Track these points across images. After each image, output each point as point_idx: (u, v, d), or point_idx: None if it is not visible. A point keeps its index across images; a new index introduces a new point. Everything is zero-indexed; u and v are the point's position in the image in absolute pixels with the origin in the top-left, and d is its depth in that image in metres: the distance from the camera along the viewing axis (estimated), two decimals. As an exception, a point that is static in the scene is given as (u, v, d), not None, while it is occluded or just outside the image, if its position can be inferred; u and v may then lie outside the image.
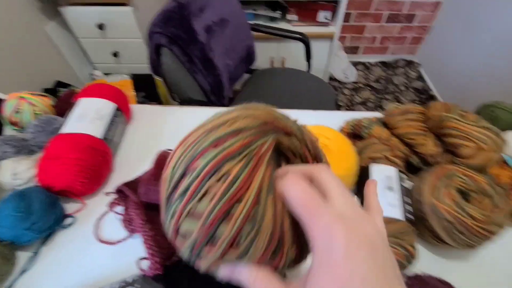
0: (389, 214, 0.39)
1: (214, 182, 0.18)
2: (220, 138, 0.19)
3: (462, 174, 0.41)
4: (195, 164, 0.19)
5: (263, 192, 0.18)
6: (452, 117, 0.46)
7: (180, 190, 0.19)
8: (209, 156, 0.19)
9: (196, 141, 0.21)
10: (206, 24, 0.89)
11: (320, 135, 0.44)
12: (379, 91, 1.84)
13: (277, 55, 1.56)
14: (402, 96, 1.80)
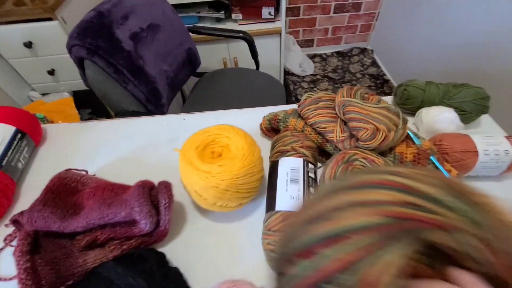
0: (290, 208, 0.38)
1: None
2: (309, 244, 0.13)
3: (362, 158, 0.40)
4: (286, 270, 0.14)
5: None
6: (352, 101, 0.46)
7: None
8: (293, 272, 0.14)
9: (291, 233, 0.15)
10: (132, 32, 0.85)
11: (219, 135, 0.43)
12: (337, 81, 1.87)
13: (229, 55, 1.54)
14: (359, 84, 1.84)
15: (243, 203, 0.43)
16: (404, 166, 0.17)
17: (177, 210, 0.47)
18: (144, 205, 0.37)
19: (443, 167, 0.43)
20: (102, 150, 0.58)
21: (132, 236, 0.39)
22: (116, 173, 0.51)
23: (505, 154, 0.44)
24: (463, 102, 0.54)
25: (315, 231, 0.14)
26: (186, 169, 0.39)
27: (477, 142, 0.45)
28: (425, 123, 0.53)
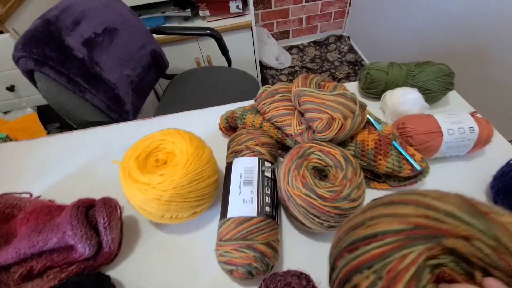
0: (243, 213, 0.35)
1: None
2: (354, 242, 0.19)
3: (318, 150, 0.37)
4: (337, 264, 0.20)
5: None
6: (307, 90, 0.42)
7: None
8: (342, 262, 0.19)
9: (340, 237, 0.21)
10: (86, 37, 0.80)
11: (163, 140, 0.39)
12: (315, 71, 1.84)
13: (201, 54, 1.49)
14: (338, 71, 1.82)
15: (197, 211, 0.40)
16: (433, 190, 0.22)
17: (130, 225, 0.44)
18: (78, 227, 0.33)
19: (406, 151, 0.40)
20: (52, 168, 0.53)
21: (73, 261, 0.36)
22: (66, 192, 0.47)
23: (470, 132, 0.41)
24: (427, 80, 0.51)
25: (359, 234, 0.19)
26: (125, 182, 0.36)
27: (440, 121, 0.42)
28: (389, 107, 0.51)
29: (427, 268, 0.17)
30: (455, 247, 0.17)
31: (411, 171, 0.39)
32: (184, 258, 0.40)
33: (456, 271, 0.18)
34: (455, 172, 0.45)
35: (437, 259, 0.18)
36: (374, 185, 0.44)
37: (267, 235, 0.34)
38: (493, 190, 0.40)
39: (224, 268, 0.34)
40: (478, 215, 0.18)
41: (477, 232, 0.17)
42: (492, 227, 0.17)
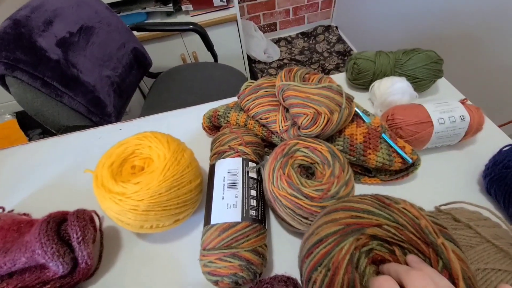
0: (226, 219, 0.33)
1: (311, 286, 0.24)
2: (309, 249, 0.26)
3: (304, 147, 0.35)
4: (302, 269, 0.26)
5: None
6: (291, 84, 0.40)
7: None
8: (304, 267, 0.25)
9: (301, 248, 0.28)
10: (59, 38, 0.76)
11: (139, 145, 0.36)
12: (304, 63, 1.81)
13: (187, 51, 1.45)
14: (327, 63, 1.79)
15: (180, 218, 0.37)
16: (355, 196, 0.28)
17: (111, 235, 0.41)
18: (48, 245, 0.30)
19: (396, 144, 0.38)
20: (25, 179, 0.50)
21: (48, 280, 0.33)
22: (41, 205, 0.44)
23: (461, 120, 0.40)
24: (415, 68, 0.49)
25: (311, 242, 0.26)
26: (99, 193, 0.33)
27: (430, 111, 0.40)
28: (378, 97, 0.49)
29: (362, 255, 0.24)
30: (374, 233, 0.25)
31: (402, 164, 0.38)
32: (168, 268, 0.37)
33: (383, 251, 0.25)
34: (447, 162, 0.44)
35: (367, 246, 0.25)
36: (365, 180, 0.42)
37: (253, 241, 0.32)
38: (485, 180, 0.39)
39: (209, 279, 0.32)
40: (383, 208, 0.25)
41: (384, 220, 0.25)
42: (393, 214, 0.25)
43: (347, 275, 0.22)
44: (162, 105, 1.04)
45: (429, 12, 1.15)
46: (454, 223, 0.30)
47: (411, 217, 0.24)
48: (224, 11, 1.38)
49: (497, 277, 0.25)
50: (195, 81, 1.10)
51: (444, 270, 0.22)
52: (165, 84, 1.12)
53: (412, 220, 0.24)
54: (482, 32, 0.91)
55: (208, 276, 0.32)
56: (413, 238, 0.23)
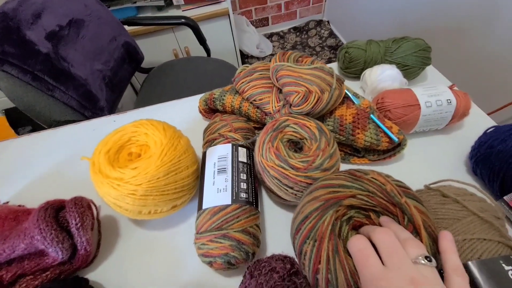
0: (217, 202, 0.34)
1: (303, 257, 0.27)
2: (297, 226, 0.28)
3: (293, 123, 0.36)
4: (294, 245, 0.29)
5: (331, 261, 0.25)
6: (284, 65, 0.41)
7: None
8: (296, 242, 0.28)
9: (291, 227, 0.30)
10: (49, 31, 0.75)
11: (136, 132, 0.37)
12: (297, 57, 1.82)
13: (179, 45, 1.44)
14: (319, 57, 1.81)
15: (178, 204, 0.38)
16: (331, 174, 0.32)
17: (109, 224, 0.41)
18: (47, 231, 0.31)
19: (384, 124, 0.39)
20: (20, 171, 0.50)
21: (47, 267, 0.33)
22: (37, 196, 0.44)
23: (448, 104, 0.41)
24: (405, 56, 0.51)
25: (298, 220, 0.29)
26: (96, 179, 0.33)
27: (418, 94, 0.42)
28: (369, 85, 0.50)
29: (344, 223, 0.29)
30: (350, 203, 0.28)
31: (389, 143, 0.39)
32: (167, 254, 0.38)
33: (360, 217, 0.29)
34: (435, 145, 0.46)
35: (346, 215, 0.29)
36: (354, 160, 0.44)
37: (243, 222, 0.33)
38: (471, 161, 0.40)
39: (203, 261, 0.33)
40: (355, 180, 0.29)
41: (357, 190, 0.28)
42: (363, 184, 0.28)
43: (331, 242, 0.25)
44: (155, 100, 1.03)
45: (419, 5, 1.17)
46: (442, 198, 0.32)
47: (379, 184, 0.28)
48: (216, 5, 1.37)
49: (482, 246, 0.27)
50: (188, 75, 1.10)
51: (409, 224, 0.26)
52: (157, 79, 1.11)
53: (380, 186, 0.28)
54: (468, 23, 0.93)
55: (202, 258, 0.33)
56: (382, 202, 0.27)
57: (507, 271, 0.25)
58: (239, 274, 0.35)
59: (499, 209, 0.31)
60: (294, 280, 0.29)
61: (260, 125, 0.48)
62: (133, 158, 0.36)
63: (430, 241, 0.25)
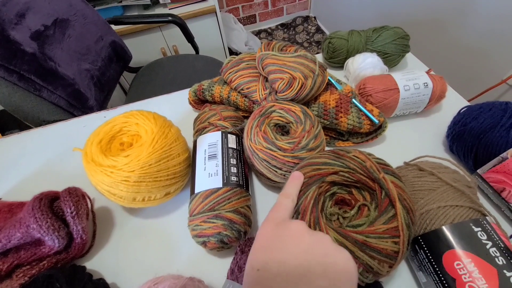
0: (209, 186, 0.35)
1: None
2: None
3: (279, 109, 0.38)
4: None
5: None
6: (269, 53, 0.43)
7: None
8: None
9: None
10: (34, 31, 0.74)
11: (126, 123, 0.38)
12: (285, 53, 1.84)
13: (167, 44, 1.44)
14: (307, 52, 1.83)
15: (171, 191, 0.39)
16: (315, 154, 0.33)
17: (103, 215, 0.42)
18: (42, 219, 0.31)
19: (365, 107, 0.42)
20: (11, 169, 0.50)
21: (44, 256, 0.34)
22: (29, 193, 0.44)
23: (425, 87, 0.44)
24: (385, 44, 0.53)
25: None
26: (89, 168, 0.34)
27: (397, 79, 0.44)
28: (352, 73, 0.52)
29: (327, 198, 0.31)
30: (333, 180, 0.30)
31: (370, 126, 0.41)
32: (161, 241, 0.39)
33: (343, 193, 0.31)
34: (415, 127, 0.48)
35: (330, 191, 0.31)
36: (339, 144, 0.46)
37: (234, 203, 0.34)
38: (448, 139, 0.43)
39: (197, 242, 0.34)
40: (338, 158, 0.31)
41: (339, 167, 0.30)
42: (345, 161, 0.30)
43: (313, 214, 0.27)
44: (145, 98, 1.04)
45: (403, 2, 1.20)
46: (419, 172, 0.34)
47: (359, 161, 0.30)
48: (202, 3, 1.38)
49: (454, 212, 0.29)
50: (177, 73, 1.10)
51: (386, 197, 0.28)
52: (147, 77, 1.11)
53: (360, 163, 0.29)
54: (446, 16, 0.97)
55: (196, 238, 0.34)
56: (362, 178, 0.29)
57: (476, 232, 0.27)
58: (231, 255, 0.36)
59: (472, 180, 0.33)
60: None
61: (248, 114, 0.50)
62: (125, 147, 0.37)
63: (404, 212, 0.26)
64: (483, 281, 0.25)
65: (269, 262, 0.21)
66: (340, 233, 0.25)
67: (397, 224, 0.25)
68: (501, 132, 0.35)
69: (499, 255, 0.26)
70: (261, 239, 0.23)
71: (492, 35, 0.83)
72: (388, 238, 0.25)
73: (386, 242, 0.25)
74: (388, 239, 0.25)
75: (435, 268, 0.28)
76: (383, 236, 0.25)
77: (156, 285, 0.28)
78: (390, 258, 0.25)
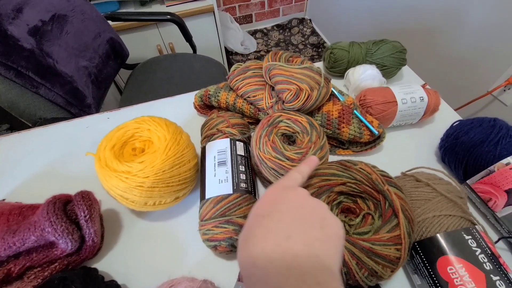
0: (219, 192, 0.37)
1: None
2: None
3: (286, 119, 0.40)
4: None
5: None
6: (276, 64, 0.44)
7: None
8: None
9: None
10: (31, 26, 0.73)
11: (138, 129, 0.39)
12: (280, 55, 1.86)
13: (163, 42, 1.43)
14: (302, 54, 1.86)
15: (180, 196, 0.40)
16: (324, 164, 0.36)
17: (110, 217, 0.43)
18: (57, 223, 0.32)
19: (366, 119, 0.44)
20: (14, 169, 0.49)
21: (55, 259, 0.35)
22: (32, 194, 0.44)
23: (421, 100, 0.47)
24: (383, 57, 0.56)
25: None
26: (103, 173, 0.35)
27: (396, 92, 0.47)
28: (352, 83, 0.55)
29: (334, 207, 0.33)
30: (340, 190, 0.32)
31: (370, 136, 0.44)
32: (169, 243, 0.40)
33: (349, 202, 0.34)
34: (410, 138, 0.51)
35: (337, 200, 0.33)
36: (340, 152, 0.48)
37: (244, 209, 0.36)
38: (441, 150, 0.46)
39: (208, 246, 0.36)
40: (345, 170, 0.33)
41: (346, 179, 0.32)
42: (352, 173, 0.32)
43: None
44: (142, 96, 1.03)
45: (394, 8, 1.24)
46: (416, 183, 0.36)
47: (365, 173, 0.32)
48: (200, 1, 1.38)
49: (447, 221, 0.32)
50: (175, 72, 1.10)
51: (390, 208, 0.30)
52: (143, 75, 1.10)
53: (366, 175, 0.32)
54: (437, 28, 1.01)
55: (207, 242, 0.35)
56: (368, 189, 0.32)
57: (467, 240, 0.30)
58: (240, 257, 0.38)
59: (462, 191, 0.36)
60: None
61: (253, 120, 0.51)
62: (137, 153, 0.38)
63: (406, 222, 0.29)
64: (473, 284, 0.27)
65: (272, 211, 0.23)
66: (348, 241, 0.28)
67: (399, 232, 0.28)
68: (490, 147, 0.38)
69: (487, 261, 0.29)
70: (268, 195, 0.25)
71: (479, 49, 0.87)
72: (391, 245, 0.27)
73: (390, 249, 0.27)
74: (391, 246, 0.27)
75: (429, 272, 0.31)
76: (387, 244, 0.27)
77: (172, 287, 0.30)
78: (392, 264, 0.27)
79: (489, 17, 0.82)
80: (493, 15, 0.81)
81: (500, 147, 0.38)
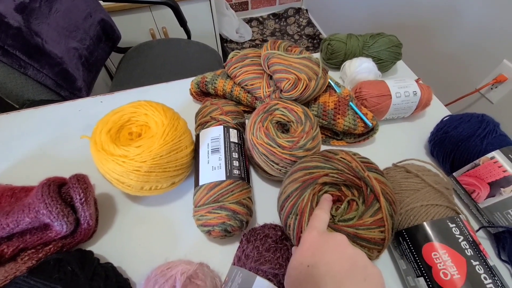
0: (213, 179, 0.37)
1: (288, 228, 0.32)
2: (282, 204, 0.34)
3: (282, 107, 0.40)
4: (280, 219, 0.34)
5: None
6: (275, 53, 0.44)
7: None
8: (282, 217, 0.33)
9: (277, 206, 0.35)
10: (18, 2, 0.69)
11: (135, 113, 0.38)
12: (276, 45, 1.84)
13: (156, 26, 1.39)
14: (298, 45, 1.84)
15: (176, 182, 0.41)
16: (306, 157, 0.36)
17: (105, 201, 0.43)
18: (53, 205, 0.32)
19: (361, 111, 0.45)
20: (2, 151, 0.48)
21: (50, 241, 0.35)
22: (22, 177, 0.44)
23: (414, 95, 0.48)
24: (380, 51, 0.56)
25: (282, 199, 0.34)
26: (99, 157, 0.35)
27: (390, 86, 0.48)
28: (348, 75, 0.55)
29: (320, 197, 0.33)
30: (324, 181, 0.33)
31: (364, 128, 0.45)
32: (165, 227, 0.41)
33: (334, 191, 0.34)
34: (402, 130, 0.53)
35: (322, 191, 0.34)
36: (334, 143, 0.49)
37: (237, 195, 0.37)
38: (430, 144, 0.48)
39: (202, 231, 0.36)
40: (327, 160, 0.34)
41: (328, 170, 0.33)
42: (333, 163, 0.33)
43: (310, 214, 0.30)
44: (134, 81, 1.01)
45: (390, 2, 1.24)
46: (406, 174, 0.38)
47: (346, 162, 0.33)
48: (196, -15, 1.34)
49: (434, 210, 0.34)
50: (168, 57, 1.08)
51: (371, 193, 0.31)
52: (136, 59, 1.07)
53: (347, 164, 0.33)
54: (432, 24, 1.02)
55: (201, 227, 0.36)
56: (349, 177, 0.33)
57: (451, 228, 0.32)
58: (231, 242, 0.39)
59: (448, 182, 0.38)
60: (285, 243, 0.34)
61: (249, 109, 0.51)
62: (133, 137, 0.38)
63: (387, 204, 0.30)
64: (454, 268, 0.29)
65: (318, 262, 0.24)
66: (334, 229, 0.29)
67: (382, 215, 0.29)
68: (476, 142, 0.40)
69: (468, 247, 0.31)
70: (308, 242, 0.26)
71: (471, 47, 0.89)
72: (375, 228, 0.29)
73: (374, 232, 0.29)
74: (375, 229, 0.29)
75: (415, 257, 0.32)
76: (370, 227, 0.29)
77: (169, 269, 0.30)
78: (378, 245, 0.29)
79: (482, 16, 0.83)
80: (486, 14, 0.82)
81: (486, 142, 0.40)
